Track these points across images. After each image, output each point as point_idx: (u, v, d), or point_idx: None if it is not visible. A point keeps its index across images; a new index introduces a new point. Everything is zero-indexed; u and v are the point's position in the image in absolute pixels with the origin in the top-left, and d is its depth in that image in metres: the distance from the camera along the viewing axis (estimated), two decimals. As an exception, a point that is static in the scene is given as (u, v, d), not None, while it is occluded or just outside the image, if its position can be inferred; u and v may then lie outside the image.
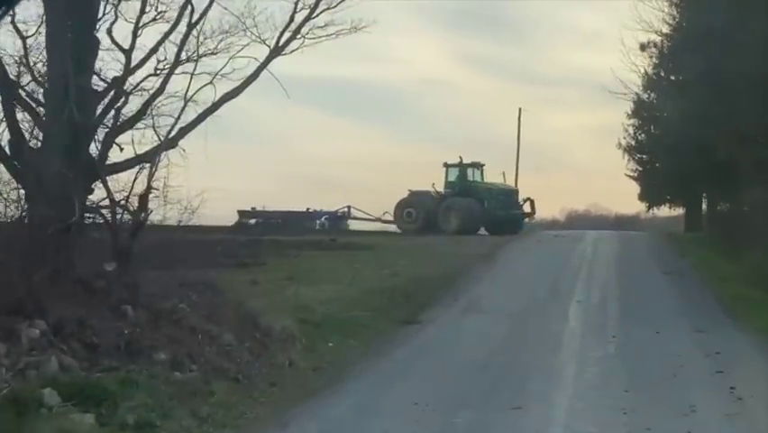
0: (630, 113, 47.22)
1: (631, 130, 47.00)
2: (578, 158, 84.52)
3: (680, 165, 36.94)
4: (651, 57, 35.97)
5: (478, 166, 43.05)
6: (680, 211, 50.30)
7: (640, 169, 47.61)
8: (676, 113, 29.88)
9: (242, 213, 44.85)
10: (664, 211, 50.88)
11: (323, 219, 45.73)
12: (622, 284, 21.37)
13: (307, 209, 46.77)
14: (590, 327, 15.86)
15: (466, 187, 41.01)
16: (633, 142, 47.40)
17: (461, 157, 42.20)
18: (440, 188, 41.42)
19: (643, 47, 34.79)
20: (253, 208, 45.62)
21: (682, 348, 14.06)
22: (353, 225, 45.39)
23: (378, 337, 14.88)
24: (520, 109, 61.13)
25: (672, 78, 34.20)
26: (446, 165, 42.12)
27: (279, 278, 19.94)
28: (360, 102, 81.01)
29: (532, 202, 42.13)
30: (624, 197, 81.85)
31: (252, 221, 45.29)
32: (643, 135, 47.03)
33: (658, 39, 33.81)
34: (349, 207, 46.68)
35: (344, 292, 18.12)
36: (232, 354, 11.50)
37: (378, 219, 44.01)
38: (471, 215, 39.25)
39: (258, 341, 12.43)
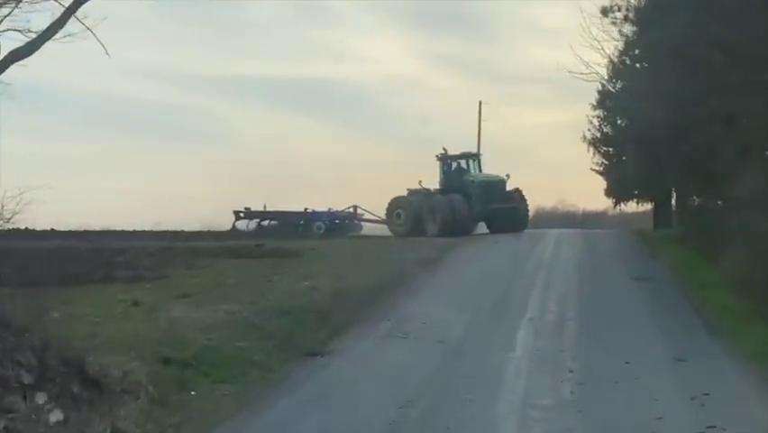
0: (595, 104, 45.08)
1: (596, 122, 44.56)
2: (545, 154, 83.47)
3: (648, 156, 33.99)
4: (614, 24, 32.40)
5: (472, 157, 39.51)
6: (648, 207, 47.85)
7: (606, 162, 44.94)
8: (644, 95, 26.41)
9: (237, 213, 41.78)
10: (632, 207, 48.37)
11: (319, 222, 41.84)
12: (584, 295, 18.04)
13: (305, 209, 42.96)
14: (542, 357, 12.44)
15: (455, 181, 37.28)
16: (598, 135, 45.24)
17: (444, 149, 38.39)
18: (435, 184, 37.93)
19: (605, 11, 31.10)
20: (247, 209, 42.21)
21: (660, 386, 10.71)
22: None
23: (263, 379, 11.38)
24: (480, 102, 59.49)
25: (639, 52, 30.78)
26: (439, 158, 38.30)
27: (171, 296, 16.46)
28: (325, 101, 79.27)
29: (519, 192, 37.54)
30: (591, 193, 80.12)
31: (251, 224, 42.16)
32: (608, 127, 44.42)
33: (622, 2, 30.21)
34: (355, 207, 43.23)
35: (242, 314, 14.59)
36: (16, 423, 7.97)
37: (386, 221, 39.64)
38: (453, 213, 35.11)
39: (74, 397, 8.91)
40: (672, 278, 20.52)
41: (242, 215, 42.29)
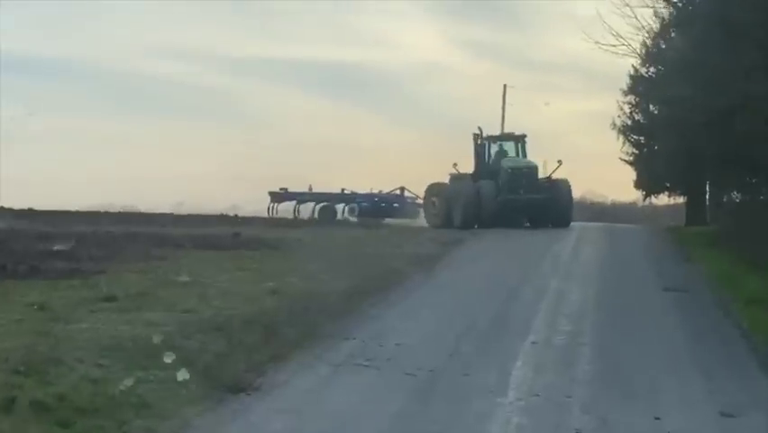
0: (626, 89, 42.03)
1: (626, 108, 41.67)
2: (575, 143, 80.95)
3: (683, 145, 30.64)
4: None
5: (514, 139, 34.60)
6: (680, 201, 44.56)
7: (636, 152, 42.06)
8: (682, 75, 22.96)
9: (273, 195, 38.48)
10: (663, 200, 45.29)
11: (353, 204, 38.13)
12: (604, 311, 14.71)
13: (342, 190, 39.27)
14: (541, 406, 9.15)
15: (493, 165, 33.21)
16: (628, 122, 41.87)
17: (480, 129, 33.92)
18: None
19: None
20: (284, 189, 38.77)
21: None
22: None
23: (146, 434, 8.19)
24: (504, 86, 56.54)
25: (679, 24, 27.34)
26: (476, 139, 33.78)
27: (93, 298, 13.35)
28: (357, 86, 77.01)
29: (564, 183, 32.76)
30: (621, 184, 77.29)
31: (305, 207, 38.97)
32: (639, 114, 41.56)
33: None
34: (402, 189, 39.09)
35: (164, 328, 11.40)
36: None
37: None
38: (479, 202, 31.12)
39: None
40: (711, 290, 17.20)
41: (276, 197, 39.02)
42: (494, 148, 34.15)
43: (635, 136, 42.47)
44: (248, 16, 75.72)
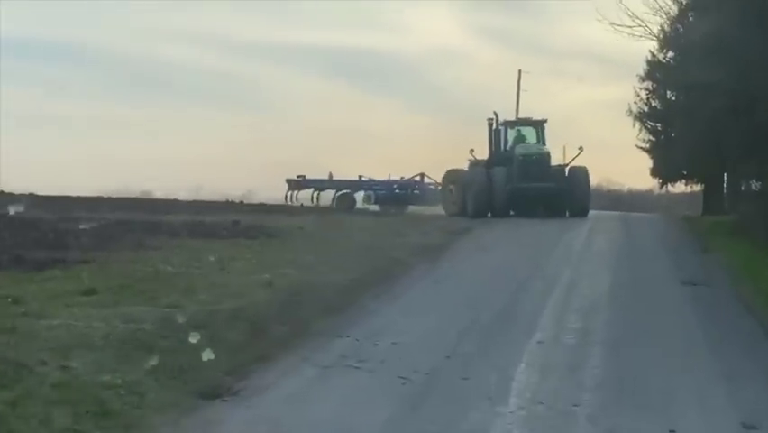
0: (643, 75, 41.05)
1: (643, 95, 41.03)
2: (591, 131, 79.93)
3: (702, 131, 29.63)
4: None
5: (533, 124, 32.86)
6: (697, 189, 43.79)
7: (653, 139, 41.48)
8: (703, 57, 21.94)
9: (291, 182, 37.25)
10: (680, 188, 44.23)
11: (369, 192, 37.20)
12: (617, 307, 13.82)
13: (360, 177, 38.21)
14: (545, 416, 8.28)
15: (509, 152, 31.82)
16: (645, 109, 41.30)
17: (495, 113, 32.42)
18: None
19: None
20: (301, 177, 37.54)
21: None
22: None
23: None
24: (519, 71, 55.27)
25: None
26: (490, 124, 32.35)
27: (74, 291, 12.55)
28: (371, 71, 76.13)
29: (582, 171, 31.31)
30: (637, 172, 76.08)
31: (325, 194, 37.64)
32: (657, 101, 41.01)
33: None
34: (422, 175, 38.04)
35: (143, 324, 10.58)
36: None
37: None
38: (491, 190, 29.95)
39: None
40: (731, 282, 16.26)
41: (294, 184, 37.76)
42: (511, 134, 32.74)
43: (651, 123, 41.88)
44: (263, 1, 74.76)
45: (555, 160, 31.84)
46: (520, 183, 29.97)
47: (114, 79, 73.45)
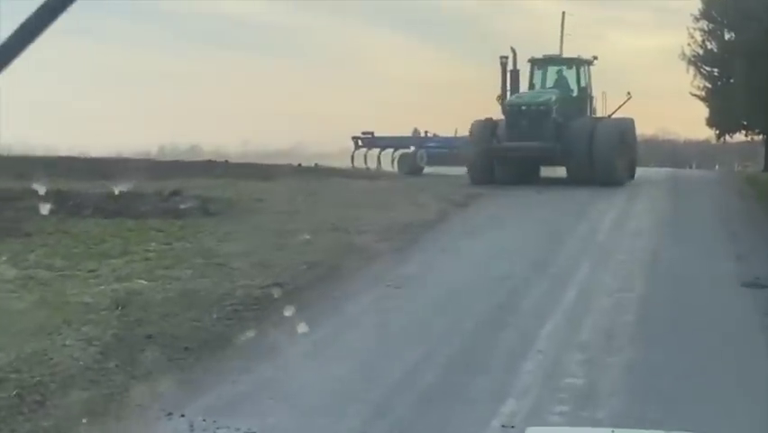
0: (698, 14, 36.82)
1: (698, 36, 37.18)
2: (647, 80, 75.50)
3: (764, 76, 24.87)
4: None
5: (569, 63, 26.04)
6: (758, 139, 39.90)
7: (709, 86, 37.53)
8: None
9: (356, 140, 31.64)
10: (739, 138, 40.79)
11: (422, 150, 30.44)
12: (648, 334, 9.04)
13: (415, 131, 32.16)
14: None
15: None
16: (700, 52, 37.35)
17: (513, 50, 25.20)
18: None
19: None
20: (368, 134, 31.70)
21: None
22: None
23: None
24: (563, 14, 49.83)
25: None
26: (504, 63, 25.19)
27: None
28: (427, 22, 71.54)
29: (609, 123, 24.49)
30: (694, 120, 71.17)
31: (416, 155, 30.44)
32: (713, 43, 37.15)
33: None
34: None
35: None
36: None
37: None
38: (483, 153, 23.73)
39: None
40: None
41: (360, 142, 31.65)
42: (539, 76, 26.02)
43: (707, 68, 37.80)
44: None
45: (599, 110, 25.88)
46: (500, 142, 23.64)
47: (165, 31, 70.14)
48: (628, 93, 25.26)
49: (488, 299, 10.38)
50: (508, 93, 24.79)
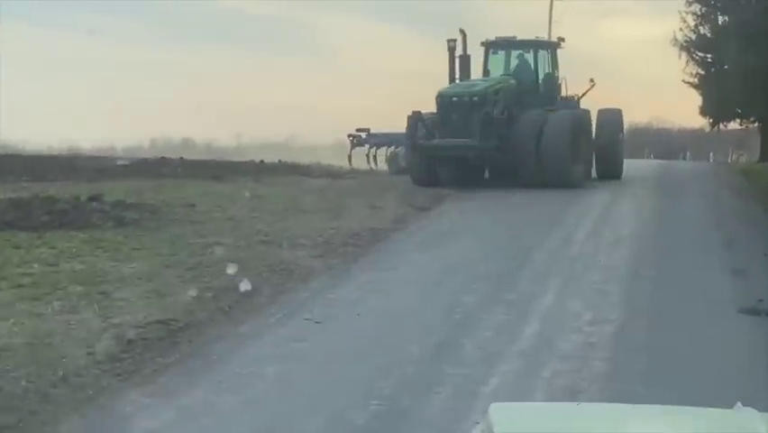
0: None
1: (690, 20, 35.27)
2: (640, 69, 74.28)
3: (759, 62, 23.58)
4: None
5: (529, 46, 22.38)
6: (753, 127, 38.08)
7: (702, 72, 35.83)
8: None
9: (352, 138, 28.95)
10: (734, 126, 39.07)
11: (401, 148, 27.17)
12: (626, 379, 6.91)
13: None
14: None
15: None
16: (692, 37, 35.49)
17: (462, 32, 22.04)
18: None
19: None
20: (363, 131, 28.99)
21: None
22: None
23: None
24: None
25: None
26: (452, 47, 21.94)
27: None
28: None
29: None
30: (689, 109, 69.77)
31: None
32: (706, 27, 35.13)
33: None
34: None
35: None
36: None
37: None
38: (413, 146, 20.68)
39: None
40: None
41: (355, 140, 28.91)
42: (496, 61, 22.45)
43: (700, 54, 35.80)
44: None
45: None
46: (428, 139, 20.35)
47: (160, 23, 68.59)
48: (591, 80, 22.55)
49: (427, 339, 8.31)
50: (457, 82, 21.81)
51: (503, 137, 19.66)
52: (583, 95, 22.27)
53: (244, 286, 9.89)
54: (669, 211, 16.59)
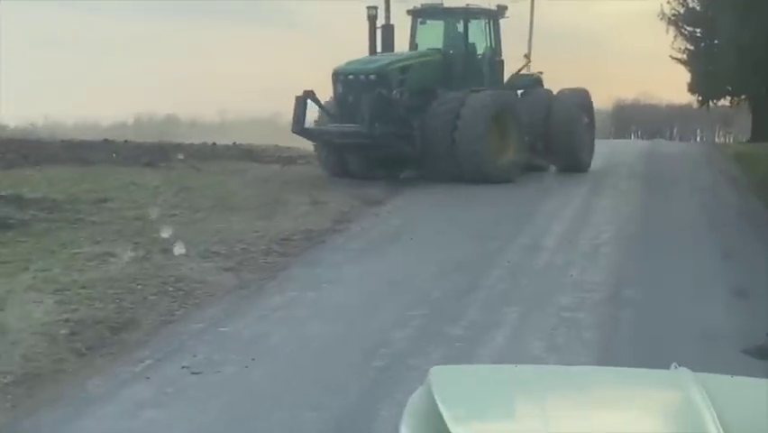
0: None
1: None
2: (628, 43, 73.22)
3: (753, 37, 22.78)
4: None
5: (458, 16, 19.05)
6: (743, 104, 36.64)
7: (691, 48, 34.78)
8: None
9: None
10: (723, 103, 37.96)
11: None
12: None
13: None
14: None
15: None
16: (681, 10, 34.56)
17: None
18: None
19: None
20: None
21: None
22: None
23: None
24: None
25: None
26: (372, 18, 18.50)
27: None
28: None
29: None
30: (677, 84, 68.07)
31: None
32: (696, 0, 34.24)
33: None
34: None
35: None
36: None
37: None
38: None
39: None
40: None
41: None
42: (425, 32, 19.22)
43: (689, 28, 34.13)
44: None
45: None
46: (321, 124, 18.04)
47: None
48: (525, 55, 20.38)
49: (330, 401, 6.20)
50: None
51: (406, 123, 16.88)
52: (518, 72, 19.39)
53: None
54: (655, 209, 14.44)
